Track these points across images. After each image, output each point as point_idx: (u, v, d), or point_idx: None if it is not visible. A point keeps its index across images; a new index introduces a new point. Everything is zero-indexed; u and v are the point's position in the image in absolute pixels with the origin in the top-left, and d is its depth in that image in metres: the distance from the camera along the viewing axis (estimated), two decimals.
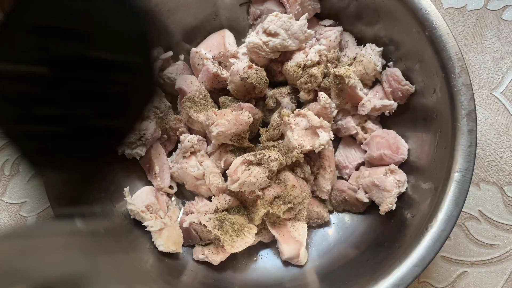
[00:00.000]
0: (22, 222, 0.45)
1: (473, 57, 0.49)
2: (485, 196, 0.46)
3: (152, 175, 0.43)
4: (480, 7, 0.50)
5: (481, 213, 0.46)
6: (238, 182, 0.39)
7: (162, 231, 0.40)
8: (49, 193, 0.35)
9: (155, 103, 0.42)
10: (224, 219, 0.40)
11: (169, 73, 0.44)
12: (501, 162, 0.46)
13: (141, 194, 0.42)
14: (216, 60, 0.45)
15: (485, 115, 0.47)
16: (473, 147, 0.35)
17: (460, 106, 0.36)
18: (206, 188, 0.42)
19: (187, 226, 0.41)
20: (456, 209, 0.34)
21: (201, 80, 0.44)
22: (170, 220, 0.41)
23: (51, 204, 0.35)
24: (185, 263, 0.42)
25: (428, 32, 0.37)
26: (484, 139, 0.47)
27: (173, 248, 0.40)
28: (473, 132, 0.35)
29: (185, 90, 0.43)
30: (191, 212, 0.42)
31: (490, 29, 0.49)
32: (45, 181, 0.35)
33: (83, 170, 0.28)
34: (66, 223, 0.29)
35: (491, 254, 0.45)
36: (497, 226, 0.45)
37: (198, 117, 0.42)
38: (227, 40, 0.45)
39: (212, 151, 0.43)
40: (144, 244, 0.41)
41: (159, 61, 0.43)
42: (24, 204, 0.46)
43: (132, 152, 0.41)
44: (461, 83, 0.36)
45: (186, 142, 0.42)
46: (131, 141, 0.40)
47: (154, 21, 0.43)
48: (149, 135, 0.41)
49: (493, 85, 0.48)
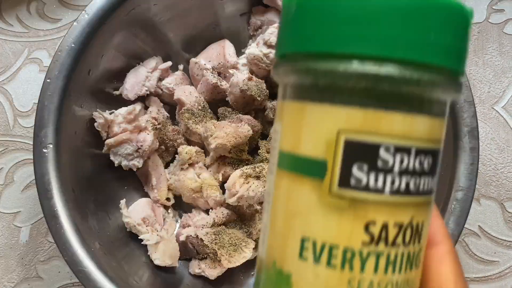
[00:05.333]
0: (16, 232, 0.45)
1: (475, 71, 0.48)
2: (485, 212, 0.45)
3: (149, 187, 0.42)
4: (482, 20, 0.49)
5: (481, 229, 0.45)
6: (236, 196, 0.39)
7: (159, 245, 0.40)
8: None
9: (153, 114, 0.42)
10: (221, 233, 0.40)
11: (168, 83, 0.43)
12: (501, 177, 0.46)
13: (137, 207, 0.41)
14: (216, 71, 0.44)
15: (486, 130, 0.47)
16: (475, 165, 0.35)
17: (463, 123, 0.35)
18: (204, 201, 0.41)
19: (184, 240, 0.40)
20: (458, 229, 0.34)
21: (200, 91, 0.43)
22: (167, 233, 0.41)
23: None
24: (181, 277, 0.41)
25: None
26: (485, 154, 0.46)
27: (169, 262, 0.39)
28: (475, 150, 0.35)
29: (183, 101, 0.42)
30: (188, 225, 0.41)
31: (491, 42, 0.49)
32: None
33: None
34: None
35: (491, 271, 0.44)
36: (497, 242, 0.45)
37: (196, 128, 0.42)
38: (227, 50, 0.44)
39: (210, 163, 0.42)
40: (140, 258, 0.40)
41: (158, 71, 0.42)
42: (18, 214, 0.45)
43: (129, 164, 0.40)
44: (464, 99, 0.36)
45: (184, 153, 0.41)
46: (128, 152, 0.40)
47: (153, 31, 0.42)
48: (146, 147, 0.40)
49: (494, 99, 0.48)
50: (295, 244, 0.19)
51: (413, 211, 0.19)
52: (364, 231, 0.18)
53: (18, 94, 0.47)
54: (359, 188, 0.18)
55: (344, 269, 0.19)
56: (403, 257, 0.19)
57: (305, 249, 0.19)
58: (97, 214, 0.39)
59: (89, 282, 0.34)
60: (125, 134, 0.39)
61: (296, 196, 0.19)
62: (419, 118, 0.18)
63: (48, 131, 0.36)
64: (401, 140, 0.18)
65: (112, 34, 0.39)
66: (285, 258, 0.20)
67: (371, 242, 0.19)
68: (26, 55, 0.48)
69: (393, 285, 0.19)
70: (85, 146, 0.40)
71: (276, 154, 0.21)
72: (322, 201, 0.19)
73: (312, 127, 0.19)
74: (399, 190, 0.18)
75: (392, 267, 0.19)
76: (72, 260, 0.34)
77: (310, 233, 0.19)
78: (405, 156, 0.18)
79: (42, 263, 0.44)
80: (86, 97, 0.39)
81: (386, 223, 0.19)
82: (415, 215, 0.19)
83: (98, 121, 0.39)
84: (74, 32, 0.37)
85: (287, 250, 0.20)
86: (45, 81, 0.36)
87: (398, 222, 0.19)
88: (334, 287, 0.19)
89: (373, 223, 0.18)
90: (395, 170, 0.18)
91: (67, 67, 0.37)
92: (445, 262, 0.21)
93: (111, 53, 0.40)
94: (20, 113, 0.47)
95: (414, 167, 0.19)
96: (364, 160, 0.18)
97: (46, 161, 0.35)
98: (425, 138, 0.19)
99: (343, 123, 0.18)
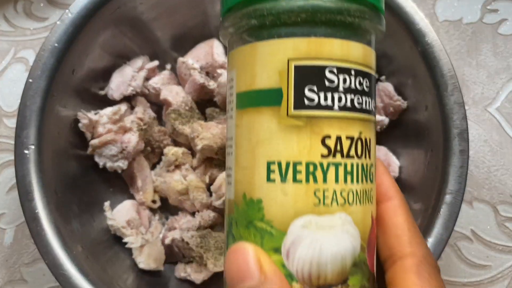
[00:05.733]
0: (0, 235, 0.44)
1: (468, 72, 0.48)
2: (478, 215, 0.45)
3: (135, 189, 0.42)
4: (476, 21, 0.49)
5: (473, 233, 0.44)
6: (222, 199, 0.38)
7: (143, 248, 0.39)
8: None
9: (139, 114, 0.41)
10: (207, 236, 0.39)
11: (154, 83, 0.42)
12: (494, 180, 0.45)
13: (123, 209, 0.40)
14: (204, 71, 0.43)
15: (479, 132, 0.46)
16: (464, 168, 0.34)
17: (452, 125, 0.35)
18: (190, 203, 0.41)
19: (169, 243, 0.39)
20: (446, 233, 0.33)
21: (188, 91, 0.43)
22: (152, 236, 0.40)
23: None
24: (166, 281, 0.40)
25: (421, 48, 0.36)
26: (478, 156, 0.46)
27: (154, 265, 0.39)
28: (465, 153, 0.34)
29: (170, 101, 0.41)
30: (173, 228, 0.40)
31: (485, 43, 0.48)
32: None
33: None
34: None
35: (483, 275, 0.44)
36: (489, 246, 0.44)
37: (183, 129, 0.41)
38: (215, 50, 0.43)
39: (197, 165, 0.42)
40: (124, 261, 0.39)
41: (144, 70, 0.42)
42: (2, 216, 0.44)
43: (114, 165, 0.40)
44: (454, 101, 0.35)
45: (170, 155, 0.41)
46: (113, 153, 0.39)
47: (140, 30, 0.42)
48: (131, 148, 0.39)
49: (487, 101, 0.47)
50: (262, 170, 0.22)
51: (360, 126, 0.22)
52: (322, 145, 0.21)
53: (3, 94, 0.47)
54: (312, 107, 0.21)
55: (309, 182, 0.21)
56: (358, 168, 0.22)
57: (271, 172, 0.21)
58: (81, 216, 0.38)
59: (70, 285, 0.33)
60: (110, 135, 0.39)
61: (257, 127, 0.22)
62: (354, 44, 0.22)
63: (30, 132, 0.35)
64: (341, 63, 0.22)
65: (97, 33, 0.39)
66: (254, 186, 0.22)
67: (329, 154, 0.21)
68: (13, 55, 0.47)
69: (353, 194, 0.22)
70: (69, 147, 0.39)
71: (233, 99, 0.23)
72: (282, 125, 0.21)
73: (265, 62, 0.22)
74: (346, 106, 0.22)
75: (351, 176, 0.22)
76: (53, 263, 0.33)
77: (275, 156, 0.21)
78: (347, 76, 0.22)
79: (26, 265, 0.44)
80: (70, 97, 0.39)
81: (340, 136, 0.21)
82: (363, 130, 0.22)
83: (83, 122, 0.39)
84: (58, 31, 0.36)
85: (255, 178, 0.22)
86: (27, 81, 0.35)
87: (349, 136, 0.22)
88: (302, 200, 0.21)
89: (328, 137, 0.21)
90: (340, 89, 0.22)
91: (50, 67, 0.36)
92: (399, 214, 0.25)
93: (96, 52, 0.40)
94: (6, 113, 0.46)
95: (355, 86, 0.22)
96: (313, 82, 0.21)
97: (27, 162, 0.35)
98: (360, 61, 0.22)
99: (292, 52, 0.21)
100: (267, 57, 0.22)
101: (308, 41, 0.21)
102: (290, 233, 0.21)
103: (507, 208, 0.45)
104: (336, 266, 0.21)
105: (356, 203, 0.22)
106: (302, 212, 0.21)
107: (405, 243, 0.24)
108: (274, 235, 0.21)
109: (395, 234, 0.24)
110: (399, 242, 0.24)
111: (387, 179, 0.26)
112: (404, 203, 0.26)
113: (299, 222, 0.21)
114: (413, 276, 0.22)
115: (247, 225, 0.22)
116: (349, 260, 0.21)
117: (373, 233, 0.23)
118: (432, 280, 0.22)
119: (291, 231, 0.21)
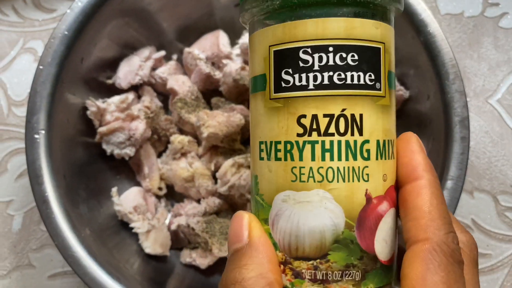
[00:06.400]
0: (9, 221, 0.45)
1: (469, 64, 0.48)
2: (479, 205, 0.45)
3: (141, 176, 0.43)
4: (477, 14, 0.49)
5: (474, 222, 0.45)
6: (227, 185, 0.39)
7: (150, 233, 0.40)
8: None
9: (146, 103, 0.42)
10: (212, 221, 0.40)
11: (161, 72, 0.43)
12: (495, 170, 0.46)
13: (129, 195, 0.41)
14: (210, 61, 0.44)
15: (480, 123, 0.47)
16: (465, 155, 0.35)
17: (453, 113, 0.35)
18: (196, 191, 0.41)
19: (175, 229, 0.40)
20: None
21: (194, 81, 0.43)
22: (158, 222, 0.41)
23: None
24: (172, 266, 0.41)
25: (423, 38, 0.37)
26: (479, 147, 0.46)
27: (160, 250, 0.40)
28: (466, 140, 0.35)
29: (176, 90, 0.42)
30: (179, 214, 0.41)
31: (487, 36, 0.49)
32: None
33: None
34: None
35: (483, 264, 0.44)
36: (489, 235, 0.45)
37: (189, 118, 0.42)
38: (221, 41, 0.44)
39: (202, 152, 0.42)
40: (131, 246, 0.40)
41: (151, 60, 0.43)
42: (11, 202, 0.45)
43: (121, 152, 0.40)
44: (455, 89, 0.36)
45: (176, 143, 0.41)
46: (120, 141, 0.40)
47: (147, 20, 0.42)
48: (138, 135, 0.40)
49: (488, 93, 0.48)
50: (256, 149, 0.24)
51: (344, 103, 0.22)
52: (297, 125, 0.22)
53: (12, 84, 0.48)
54: (288, 89, 0.22)
55: (287, 160, 0.22)
56: (341, 145, 0.22)
57: (261, 151, 0.23)
58: (88, 201, 0.39)
59: (79, 267, 0.34)
60: (117, 123, 0.40)
61: (254, 111, 0.24)
62: (332, 20, 0.22)
63: (40, 117, 0.36)
64: (316, 41, 0.22)
65: (105, 23, 0.39)
66: (254, 163, 0.24)
67: (304, 133, 0.22)
68: (21, 45, 0.48)
69: (333, 171, 0.22)
70: (78, 134, 0.40)
71: (248, 84, 0.26)
72: (266, 107, 0.23)
73: (256, 51, 0.24)
74: (323, 84, 0.22)
75: (330, 154, 0.22)
76: (63, 245, 0.34)
77: (263, 136, 0.23)
78: (323, 54, 0.22)
79: (34, 251, 0.44)
80: (79, 85, 0.39)
81: (316, 115, 0.22)
82: (348, 107, 0.22)
83: (91, 110, 0.39)
84: (68, 20, 0.37)
85: (254, 156, 0.24)
86: (38, 68, 0.36)
87: (327, 113, 0.22)
88: (282, 176, 0.22)
89: (304, 116, 0.22)
90: (315, 68, 0.22)
91: (60, 55, 0.37)
92: (422, 194, 0.22)
93: (104, 42, 0.40)
94: (15, 102, 0.47)
95: (335, 62, 0.22)
96: (289, 65, 0.22)
97: (37, 146, 0.35)
98: (342, 36, 0.22)
99: (271, 39, 0.23)
100: (257, 45, 0.24)
101: (283, 26, 0.22)
102: (274, 206, 0.23)
103: (507, 198, 0.45)
104: (314, 240, 0.22)
105: (337, 180, 0.22)
106: (282, 188, 0.22)
107: (421, 227, 0.21)
108: (265, 207, 0.23)
109: (413, 217, 0.22)
110: (415, 225, 0.22)
111: (415, 157, 0.24)
112: (431, 183, 0.23)
113: (280, 196, 0.22)
114: (419, 264, 0.20)
115: (253, 196, 0.25)
116: (329, 236, 0.22)
117: (368, 212, 0.22)
118: (441, 271, 0.20)
119: (275, 204, 0.23)
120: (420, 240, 0.21)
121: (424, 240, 0.21)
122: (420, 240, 0.21)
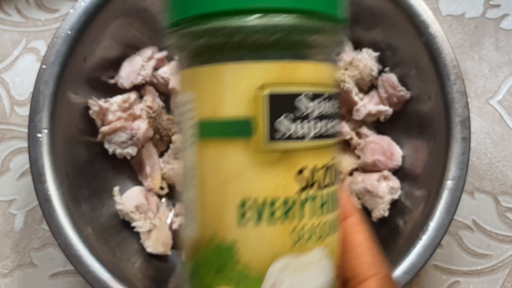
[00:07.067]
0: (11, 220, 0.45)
1: (471, 65, 0.48)
2: (479, 205, 0.45)
3: (143, 176, 0.43)
4: (478, 15, 0.50)
5: (474, 222, 0.45)
6: None
7: (151, 233, 0.40)
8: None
9: (148, 103, 0.42)
10: None
11: (163, 72, 0.43)
12: (496, 171, 0.46)
13: (131, 194, 0.41)
14: None
15: (481, 124, 0.47)
16: (466, 155, 0.35)
17: (454, 113, 0.36)
18: None
19: (177, 228, 0.40)
20: (448, 217, 0.34)
21: None
22: (160, 222, 0.41)
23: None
24: (173, 266, 0.41)
25: (424, 39, 0.37)
26: (480, 148, 0.47)
27: (161, 249, 0.40)
28: (467, 140, 0.35)
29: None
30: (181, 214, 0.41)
31: (488, 37, 0.49)
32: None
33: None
34: None
35: (484, 264, 0.44)
36: (490, 236, 0.45)
37: None
38: None
39: None
40: (132, 245, 0.40)
41: (153, 60, 0.43)
42: (13, 202, 0.45)
43: (123, 152, 0.40)
44: (456, 90, 0.36)
45: (178, 142, 0.42)
46: (122, 140, 0.40)
47: (150, 20, 0.43)
48: (140, 134, 0.40)
49: (489, 94, 0.48)
50: (234, 209, 0.19)
51: (333, 151, 0.21)
52: (298, 178, 0.19)
53: (15, 83, 0.48)
54: (288, 138, 0.19)
55: (287, 220, 0.19)
56: (334, 196, 0.21)
57: (247, 210, 0.19)
58: (90, 200, 0.39)
59: (81, 266, 0.34)
60: (120, 122, 0.40)
61: (227, 161, 0.19)
62: (324, 65, 0.20)
63: (43, 116, 0.36)
64: (316, 87, 0.19)
65: (108, 23, 0.40)
66: (226, 226, 0.19)
67: (306, 187, 0.19)
68: (24, 45, 0.48)
69: (328, 224, 0.20)
70: (80, 133, 0.40)
71: (193, 125, 0.20)
72: (255, 158, 0.19)
73: (233, 87, 0.19)
74: (320, 133, 0.20)
75: (327, 206, 0.20)
76: (64, 243, 0.34)
77: (250, 192, 0.19)
78: (322, 101, 0.20)
79: (36, 250, 0.44)
80: (81, 84, 0.40)
81: (315, 167, 0.20)
82: (336, 155, 0.21)
83: (93, 109, 0.40)
84: (71, 19, 0.37)
85: (228, 217, 0.19)
86: (41, 67, 0.37)
87: (324, 164, 0.20)
88: (280, 240, 0.19)
89: (305, 168, 0.19)
90: (315, 115, 0.19)
91: (63, 54, 0.37)
92: (358, 231, 0.23)
93: (107, 42, 0.41)
94: (17, 102, 0.47)
95: (326, 111, 0.20)
96: (289, 110, 0.19)
97: (40, 145, 0.36)
98: (331, 83, 0.20)
99: (265, 78, 0.19)
100: (236, 81, 0.19)
101: (281, 65, 0.19)
102: (268, 277, 0.19)
103: (508, 198, 0.45)
104: None
105: (331, 233, 0.20)
106: (280, 253, 0.19)
107: (367, 264, 0.22)
108: (251, 279, 0.19)
109: (356, 254, 0.23)
110: (361, 263, 0.22)
111: (345, 196, 0.24)
112: (362, 219, 0.24)
113: (278, 265, 0.19)
114: None
115: (219, 268, 0.20)
116: None
117: (341, 257, 0.22)
118: None
119: (270, 275, 0.19)
120: (371, 277, 0.22)
121: (374, 276, 0.22)
122: (370, 276, 0.22)
